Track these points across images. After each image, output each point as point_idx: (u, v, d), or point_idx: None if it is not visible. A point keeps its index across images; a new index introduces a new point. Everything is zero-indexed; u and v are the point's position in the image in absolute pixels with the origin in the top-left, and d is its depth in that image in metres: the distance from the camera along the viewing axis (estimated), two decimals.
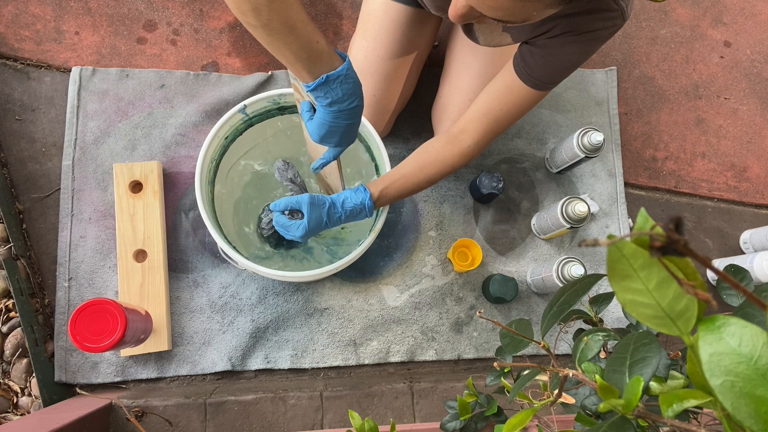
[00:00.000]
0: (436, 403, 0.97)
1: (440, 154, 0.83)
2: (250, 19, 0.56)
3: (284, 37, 0.57)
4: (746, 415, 0.22)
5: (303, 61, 0.60)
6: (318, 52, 0.60)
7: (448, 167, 0.83)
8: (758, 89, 1.30)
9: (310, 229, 0.77)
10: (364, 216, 0.80)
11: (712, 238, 1.20)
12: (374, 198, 0.80)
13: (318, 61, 0.60)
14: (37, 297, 0.96)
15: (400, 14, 0.92)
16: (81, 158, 1.02)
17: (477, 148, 0.83)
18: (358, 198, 0.79)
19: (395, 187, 0.81)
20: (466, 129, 0.82)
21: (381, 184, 0.81)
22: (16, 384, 0.92)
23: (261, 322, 0.99)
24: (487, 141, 0.83)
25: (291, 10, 0.56)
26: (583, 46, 0.71)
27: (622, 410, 0.31)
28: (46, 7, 1.09)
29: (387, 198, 0.82)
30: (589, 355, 0.42)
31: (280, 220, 0.79)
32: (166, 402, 0.91)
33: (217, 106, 1.08)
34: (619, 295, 0.26)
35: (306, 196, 0.77)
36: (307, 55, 0.59)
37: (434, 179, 0.84)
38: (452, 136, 0.83)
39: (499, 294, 1.02)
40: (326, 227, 0.79)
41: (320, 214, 0.77)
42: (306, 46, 0.59)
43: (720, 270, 0.20)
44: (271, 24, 0.56)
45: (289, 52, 0.59)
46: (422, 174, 0.83)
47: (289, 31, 0.57)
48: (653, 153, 1.23)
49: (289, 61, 0.60)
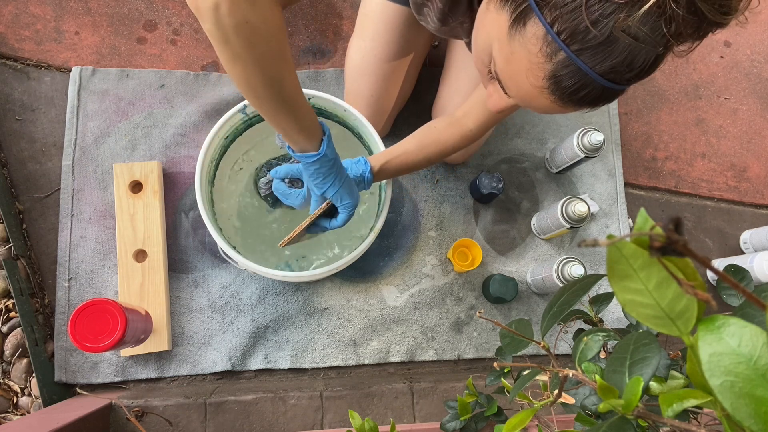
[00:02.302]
0: (436, 403, 0.97)
1: (442, 135, 0.85)
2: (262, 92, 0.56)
3: (292, 107, 0.59)
4: (746, 415, 0.22)
5: (307, 129, 0.63)
6: (315, 118, 0.64)
7: (449, 148, 0.85)
8: (758, 89, 1.30)
9: (308, 197, 0.78)
10: (362, 188, 0.82)
11: (712, 238, 1.20)
12: (374, 171, 0.81)
13: (316, 127, 0.65)
14: (37, 297, 0.96)
15: (397, 15, 0.93)
16: (81, 158, 1.02)
17: (478, 132, 0.85)
18: (358, 169, 0.80)
19: (395, 162, 0.83)
20: (469, 113, 0.84)
21: (382, 159, 0.82)
22: (16, 384, 0.92)
23: (261, 322, 0.99)
24: (488, 126, 0.85)
25: (296, 79, 0.59)
26: None
27: (622, 410, 0.31)
28: (46, 7, 1.09)
29: (386, 173, 0.83)
30: (589, 355, 0.42)
31: (279, 188, 0.80)
32: (166, 402, 0.91)
33: (217, 106, 1.08)
34: (619, 295, 0.26)
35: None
36: (311, 121, 0.63)
37: (434, 159, 0.86)
38: (455, 119, 0.85)
39: (499, 294, 1.02)
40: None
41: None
42: (309, 113, 0.62)
43: (720, 270, 0.20)
44: (283, 94, 0.57)
45: (296, 122, 0.61)
46: (423, 153, 0.84)
47: (295, 100, 0.59)
48: (653, 153, 1.23)
49: (296, 132, 0.63)
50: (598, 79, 0.48)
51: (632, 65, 0.46)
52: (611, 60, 0.46)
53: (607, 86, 0.48)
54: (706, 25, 0.44)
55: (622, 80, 0.48)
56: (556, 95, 0.51)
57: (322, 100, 0.92)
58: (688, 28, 0.44)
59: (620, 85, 0.49)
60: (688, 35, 0.45)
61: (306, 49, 1.17)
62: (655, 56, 0.46)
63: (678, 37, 0.44)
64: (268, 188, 0.93)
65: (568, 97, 0.51)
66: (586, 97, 0.50)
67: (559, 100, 0.52)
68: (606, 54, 0.46)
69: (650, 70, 0.48)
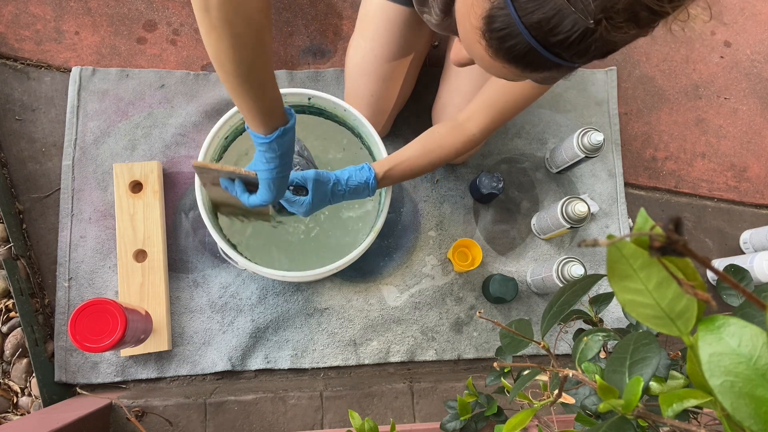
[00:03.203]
0: (436, 403, 0.97)
1: (445, 140, 0.85)
2: (230, 69, 0.57)
3: (256, 91, 0.60)
4: (746, 415, 0.22)
5: (266, 114, 0.63)
6: (279, 105, 0.64)
7: (452, 153, 0.85)
8: (758, 89, 1.30)
9: (313, 205, 0.79)
10: (366, 194, 0.82)
11: (712, 238, 1.20)
12: (378, 177, 0.81)
13: (277, 114, 0.64)
14: (37, 297, 0.96)
15: (397, 15, 0.93)
16: (81, 158, 1.02)
17: (481, 136, 0.85)
18: (362, 176, 0.80)
19: (399, 168, 0.83)
20: (472, 117, 0.84)
21: (386, 165, 0.82)
22: (16, 384, 0.92)
23: (261, 322, 0.99)
24: (492, 130, 0.85)
25: (267, 65, 0.59)
26: None
27: (622, 410, 0.31)
28: (46, 7, 1.09)
29: (390, 179, 0.83)
30: (589, 355, 0.42)
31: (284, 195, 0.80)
32: (166, 402, 0.91)
33: (217, 106, 1.08)
34: (619, 295, 0.26)
35: (312, 173, 0.77)
36: (272, 107, 0.63)
37: (437, 164, 0.86)
38: (458, 124, 0.85)
39: (499, 294, 1.02)
40: (329, 203, 0.81)
41: (325, 191, 0.79)
42: (272, 100, 0.62)
43: (720, 270, 0.20)
44: (249, 77, 0.58)
45: (255, 104, 0.61)
46: (426, 158, 0.84)
47: (261, 85, 0.60)
48: (653, 153, 1.23)
49: (253, 114, 0.63)
50: (524, 31, 0.47)
51: (558, 28, 0.46)
52: (539, 14, 0.45)
53: (533, 45, 0.48)
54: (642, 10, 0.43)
55: (547, 43, 0.47)
56: (486, 39, 0.51)
57: (322, 100, 0.92)
58: (620, 4, 0.43)
59: (546, 50, 0.48)
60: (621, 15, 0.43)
61: (306, 49, 1.17)
62: (584, 29, 0.45)
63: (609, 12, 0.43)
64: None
65: (497, 43, 0.50)
66: (512, 50, 0.49)
67: (489, 48, 0.51)
68: (537, 5, 0.45)
69: (578, 46, 0.46)
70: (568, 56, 0.48)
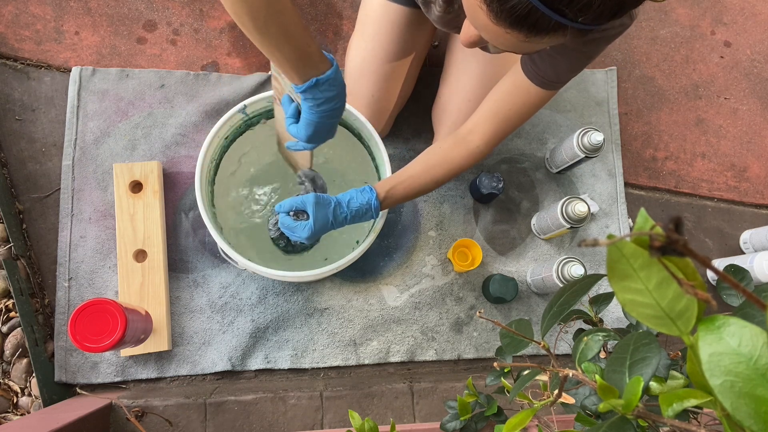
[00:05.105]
0: (436, 403, 0.97)
1: (448, 155, 0.82)
2: (246, 22, 0.57)
3: (278, 42, 0.59)
4: (746, 415, 0.22)
5: (294, 64, 0.62)
6: (309, 56, 0.62)
7: (456, 168, 0.83)
8: (758, 89, 1.30)
9: (315, 229, 0.76)
10: (370, 216, 0.79)
11: (712, 238, 1.20)
12: (380, 198, 0.79)
13: (308, 65, 0.63)
14: (37, 297, 0.96)
15: (398, 15, 0.92)
16: (81, 158, 1.02)
17: (486, 149, 0.82)
18: (364, 198, 0.78)
19: (402, 187, 0.81)
20: (475, 130, 0.81)
21: (387, 185, 0.80)
22: (16, 384, 0.92)
23: (261, 322, 0.99)
24: (496, 141, 0.82)
25: (286, 16, 0.58)
26: (591, 46, 0.71)
27: (622, 410, 0.31)
28: (46, 7, 1.09)
29: (393, 199, 0.81)
30: (589, 355, 0.42)
31: (285, 221, 0.78)
32: (166, 402, 0.91)
33: (217, 106, 1.08)
34: (619, 295, 0.26)
35: (311, 196, 0.76)
36: (299, 58, 0.61)
37: (441, 180, 0.83)
38: (460, 138, 0.82)
39: (499, 294, 1.02)
40: (332, 227, 0.78)
41: (326, 213, 0.76)
42: (298, 50, 0.61)
43: (720, 270, 0.20)
44: (267, 28, 0.57)
45: (281, 55, 0.60)
46: (429, 175, 0.82)
47: (283, 35, 0.59)
48: (653, 153, 1.23)
49: (281, 63, 0.62)
50: None
51: None
52: None
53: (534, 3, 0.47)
54: None
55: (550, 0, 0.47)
56: (487, 3, 0.50)
57: None
58: None
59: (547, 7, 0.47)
60: None
61: None
62: None
63: None
64: (277, 230, 0.91)
65: (498, 5, 0.49)
66: (513, 10, 0.49)
67: (490, 12, 0.51)
68: None
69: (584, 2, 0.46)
70: (571, 12, 0.47)
